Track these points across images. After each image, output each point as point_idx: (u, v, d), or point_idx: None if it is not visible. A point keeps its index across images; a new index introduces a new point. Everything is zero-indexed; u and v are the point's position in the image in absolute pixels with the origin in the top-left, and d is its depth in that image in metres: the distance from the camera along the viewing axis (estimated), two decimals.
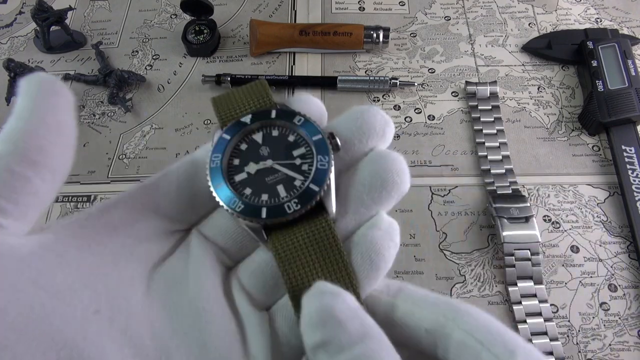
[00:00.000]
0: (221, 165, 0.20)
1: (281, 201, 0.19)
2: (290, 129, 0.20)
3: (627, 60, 0.46)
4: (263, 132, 0.21)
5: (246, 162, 0.20)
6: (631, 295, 0.39)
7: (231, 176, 0.20)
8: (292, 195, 0.19)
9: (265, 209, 0.19)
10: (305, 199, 0.19)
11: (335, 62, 0.52)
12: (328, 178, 0.19)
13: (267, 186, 0.19)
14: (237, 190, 0.19)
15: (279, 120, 0.20)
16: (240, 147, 0.20)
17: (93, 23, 0.57)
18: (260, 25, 0.52)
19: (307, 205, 0.19)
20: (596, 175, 0.45)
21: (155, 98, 0.51)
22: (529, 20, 0.54)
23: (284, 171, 0.20)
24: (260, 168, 0.20)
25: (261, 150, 0.20)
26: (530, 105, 0.49)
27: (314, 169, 0.19)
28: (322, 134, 0.20)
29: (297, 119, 0.20)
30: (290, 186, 0.19)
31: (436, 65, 0.51)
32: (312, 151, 0.20)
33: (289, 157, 0.20)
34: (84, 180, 0.47)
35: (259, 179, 0.20)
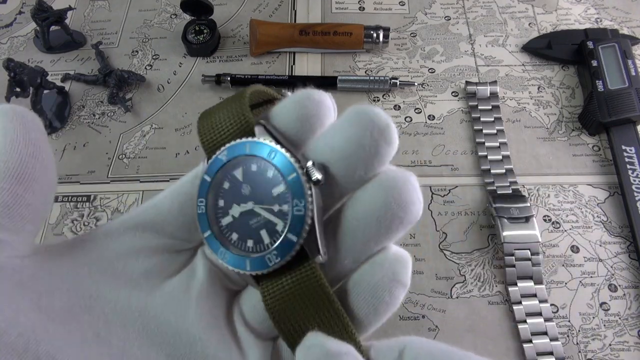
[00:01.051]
0: (206, 211, 0.19)
1: (264, 250, 0.18)
2: (267, 164, 0.19)
3: (627, 60, 0.46)
4: (242, 167, 0.19)
5: (230, 204, 0.19)
6: (631, 295, 0.39)
7: (218, 219, 0.19)
8: (274, 241, 0.18)
9: (249, 261, 0.18)
10: (284, 250, 0.18)
11: (335, 62, 0.52)
12: (306, 224, 0.18)
13: (251, 230, 0.19)
14: (224, 236, 0.19)
15: (252, 156, 0.19)
16: (224, 186, 0.20)
17: (93, 23, 0.57)
18: (260, 25, 0.52)
19: (286, 257, 0.18)
20: (596, 175, 0.45)
21: (155, 98, 0.51)
22: (529, 20, 0.54)
23: (264, 215, 0.19)
24: (243, 211, 0.19)
25: (242, 188, 0.19)
26: (530, 105, 0.49)
27: (290, 216, 0.18)
28: (296, 171, 0.18)
29: (270, 154, 0.18)
30: (272, 231, 0.19)
31: (436, 65, 0.51)
32: (287, 194, 0.18)
33: (269, 198, 0.19)
34: (84, 180, 0.47)
35: (243, 222, 0.19)
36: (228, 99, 0.20)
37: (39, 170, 0.18)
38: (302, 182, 0.18)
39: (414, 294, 0.40)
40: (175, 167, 0.47)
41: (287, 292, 0.18)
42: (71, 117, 0.50)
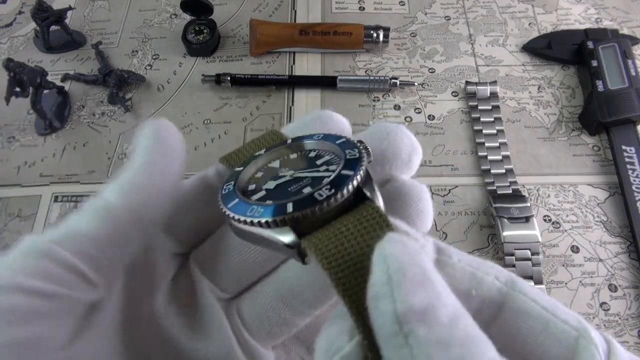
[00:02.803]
0: (235, 189, 0.17)
1: (313, 190, 0.15)
2: (308, 148, 0.18)
3: (627, 60, 0.46)
4: (280, 159, 0.18)
5: (264, 181, 0.17)
6: (631, 296, 0.39)
7: (248, 197, 0.17)
8: (328, 183, 0.15)
9: (292, 203, 0.15)
10: (338, 184, 0.15)
11: (335, 62, 0.52)
12: (362, 165, 0.15)
13: (291, 193, 0.16)
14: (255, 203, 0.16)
15: (294, 143, 0.18)
16: (256, 175, 0.18)
17: (93, 23, 0.57)
18: (260, 25, 0.52)
19: (342, 190, 0.15)
20: (596, 175, 0.45)
21: (155, 98, 0.51)
22: (529, 20, 0.54)
23: (309, 175, 0.16)
24: (281, 182, 0.17)
25: (280, 172, 0.18)
26: (530, 105, 0.49)
27: (343, 161, 0.16)
28: (344, 137, 0.17)
29: (315, 135, 0.18)
30: (318, 183, 0.16)
31: (436, 65, 0.51)
32: (338, 154, 0.17)
33: (314, 165, 0.17)
34: (84, 180, 0.47)
35: (280, 190, 0.17)
36: (258, 137, 0.20)
37: (157, 213, 0.18)
38: (354, 141, 0.17)
39: None
40: None
41: (346, 234, 0.14)
42: (71, 117, 0.50)
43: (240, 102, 0.50)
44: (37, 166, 0.48)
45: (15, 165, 0.48)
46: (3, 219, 0.45)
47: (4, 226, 0.45)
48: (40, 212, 0.45)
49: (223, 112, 0.50)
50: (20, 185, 0.47)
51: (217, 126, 0.49)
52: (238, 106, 0.50)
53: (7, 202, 0.46)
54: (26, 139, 0.50)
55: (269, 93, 0.51)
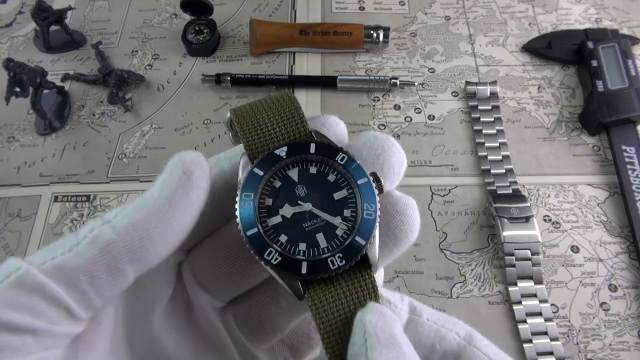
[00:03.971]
0: (254, 206, 0.18)
1: (322, 254, 0.17)
2: (330, 167, 0.18)
3: (627, 60, 0.46)
4: (299, 167, 0.18)
5: (281, 203, 0.18)
6: (631, 296, 0.39)
7: (263, 219, 0.18)
8: (334, 247, 0.17)
9: (306, 264, 0.17)
10: (350, 253, 0.17)
11: (335, 62, 0.52)
12: (375, 229, 0.17)
13: (305, 234, 0.17)
14: (270, 237, 0.17)
15: (315, 157, 0.18)
16: (274, 184, 0.18)
17: (93, 23, 0.57)
18: (260, 25, 0.52)
19: (352, 261, 0.17)
20: (596, 175, 0.45)
21: (155, 98, 0.51)
22: (529, 20, 0.54)
23: (324, 217, 0.17)
24: (297, 211, 0.18)
25: (297, 189, 0.18)
26: (530, 105, 0.49)
27: (360, 219, 0.17)
28: (367, 177, 0.18)
29: (340, 156, 0.18)
30: (331, 235, 0.17)
31: (436, 65, 0.51)
32: (355, 196, 0.18)
33: (330, 201, 0.18)
34: (84, 180, 0.47)
35: (295, 224, 0.18)
36: (272, 100, 0.19)
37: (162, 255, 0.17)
38: (373, 188, 0.18)
39: (414, 294, 0.40)
40: None
41: (342, 298, 0.17)
42: (71, 116, 0.50)
43: (240, 102, 0.50)
44: (37, 166, 0.48)
45: (15, 165, 0.48)
46: (3, 219, 0.45)
47: (3, 226, 0.45)
48: (40, 212, 0.45)
49: (223, 112, 0.50)
50: (20, 185, 0.47)
51: (217, 126, 0.49)
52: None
53: (7, 202, 0.46)
54: (26, 139, 0.50)
55: (269, 93, 0.51)
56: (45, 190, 0.46)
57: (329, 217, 0.18)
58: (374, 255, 0.17)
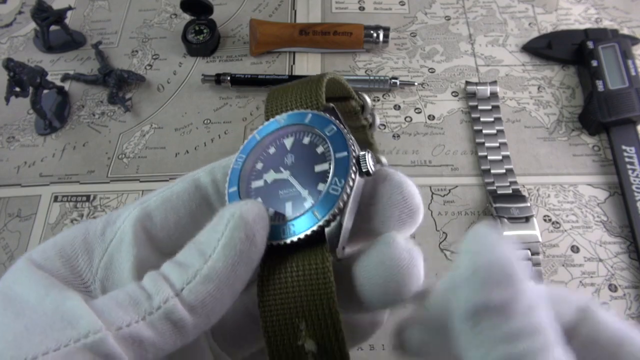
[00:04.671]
0: (241, 168, 0.19)
1: (282, 222, 0.17)
2: (320, 139, 0.18)
3: (627, 60, 0.46)
4: (295, 137, 0.19)
5: (267, 169, 0.19)
6: (631, 296, 0.39)
7: (250, 180, 0.19)
8: (295, 217, 0.17)
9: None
10: (303, 224, 0.17)
11: (335, 62, 0.52)
12: (336, 207, 0.17)
13: (278, 200, 0.18)
14: (248, 197, 0.18)
15: (309, 126, 0.18)
16: (269, 151, 0.19)
17: (93, 23, 0.57)
18: (260, 25, 0.52)
19: (304, 232, 0.17)
20: (596, 175, 0.45)
21: (155, 98, 0.51)
22: (529, 20, 0.54)
23: (297, 188, 0.18)
24: (277, 178, 0.18)
25: (286, 158, 0.19)
26: (530, 105, 0.49)
27: (323, 194, 0.17)
28: (347, 150, 0.17)
29: (329, 128, 0.18)
30: (299, 206, 0.17)
31: (436, 65, 0.51)
32: (336, 166, 0.17)
33: (309, 173, 0.18)
34: (84, 180, 0.47)
35: (272, 190, 0.18)
36: (304, 79, 0.20)
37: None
38: (349, 164, 0.17)
39: None
40: (175, 166, 0.47)
41: (289, 280, 0.16)
42: (71, 116, 0.50)
43: (240, 102, 0.50)
44: (36, 166, 0.48)
45: (15, 165, 0.48)
46: (3, 219, 0.45)
47: (3, 226, 0.45)
48: (40, 212, 0.45)
49: (223, 112, 0.50)
50: (20, 185, 0.47)
51: (217, 126, 0.49)
52: (238, 106, 0.50)
53: (7, 202, 0.46)
54: (26, 138, 0.50)
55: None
56: (45, 190, 0.46)
57: (300, 187, 0.18)
58: (334, 235, 0.17)
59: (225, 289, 0.16)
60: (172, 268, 0.16)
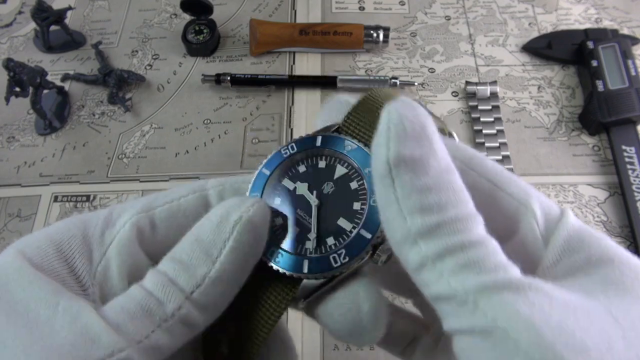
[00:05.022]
0: (268, 177, 0.19)
1: (274, 242, 0.18)
2: (360, 182, 0.18)
3: (627, 60, 0.46)
4: (313, 162, 0.19)
5: (303, 180, 0.19)
6: None
7: (281, 177, 0.19)
8: (288, 250, 0.18)
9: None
10: (289, 264, 0.17)
11: (335, 62, 0.52)
12: (325, 275, 0.17)
13: (289, 214, 0.18)
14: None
15: (342, 157, 0.18)
16: (299, 168, 0.19)
17: (93, 23, 0.57)
18: (260, 25, 0.52)
19: (285, 270, 0.17)
20: (596, 175, 0.45)
21: (155, 98, 0.51)
22: (529, 20, 0.54)
23: (312, 223, 0.18)
24: (305, 196, 0.18)
25: (325, 185, 0.18)
26: (530, 105, 0.49)
27: (366, 212, 0.17)
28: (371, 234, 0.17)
29: (366, 170, 0.18)
30: (299, 240, 0.18)
31: (436, 65, 0.51)
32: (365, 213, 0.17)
33: (332, 221, 0.18)
34: (84, 180, 0.47)
35: (293, 200, 0.18)
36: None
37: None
38: (365, 247, 0.17)
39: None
40: (175, 166, 0.47)
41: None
42: (71, 116, 0.50)
43: (240, 102, 0.50)
44: (36, 166, 0.48)
45: (15, 165, 0.48)
46: (3, 219, 0.45)
47: (3, 226, 0.45)
48: (40, 212, 0.45)
49: (223, 112, 0.50)
50: (20, 185, 0.47)
51: (217, 126, 0.49)
52: (238, 106, 0.50)
53: (7, 202, 0.46)
54: (26, 139, 0.50)
55: (269, 93, 0.51)
56: (45, 190, 0.46)
57: (314, 225, 0.18)
58: (308, 291, 0.17)
59: (234, 287, 0.17)
60: (178, 270, 0.16)
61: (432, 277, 0.14)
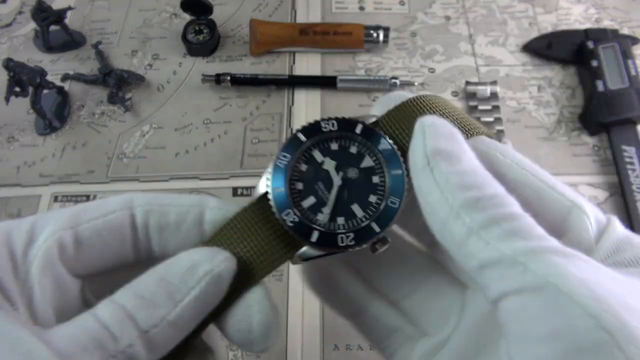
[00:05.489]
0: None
1: (294, 207, 0.19)
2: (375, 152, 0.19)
3: (628, 60, 0.46)
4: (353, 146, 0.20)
5: (332, 157, 0.20)
6: None
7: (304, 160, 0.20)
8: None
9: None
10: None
11: (335, 62, 0.52)
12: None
13: (310, 186, 0.19)
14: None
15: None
16: (332, 147, 0.20)
17: (92, 23, 0.57)
18: (260, 25, 0.52)
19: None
20: (596, 175, 0.45)
21: (155, 98, 0.51)
22: (529, 20, 0.54)
23: (330, 199, 0.19)
24: (329, 172, 0.19)
25: (350, 168, 0.19)
26: (530, 105, 0.49)
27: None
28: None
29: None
30: (313, 210, 0.19)
31: (436, 65, 0.51)
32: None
33: (348, 205, 0.19)
34: (83, 180, 0.47)
35: (318, 175, 0.19)
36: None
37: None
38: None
39: None
40: (175, 166, 0.47)
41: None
42: (71, 116, 0.50)
43: (240, 102, 0.50)
44: (37, 166, 0.48)
45: (15, 165, 0.48)
46: (3, 219, 0.45)
47: None
48: (40, 212, 0.45)
49: (223, 112, 0.50)
50: (20, 185, 0.47)
51: (217, 126, 0.49)
52: (238, 106, 0.50)
53: (7, 202, 0.46)
54: (26, 138, 0.50)
55: (269, 93, 0.51)
56: (45, 190, 0.46)
57: (331, 202, 0.19)
58: (307, 256, 0.19)
59: (184, 332, 0.17)
60: (138, 306, 0.16)
61: (479, 245, 0.15)
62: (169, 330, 0.16)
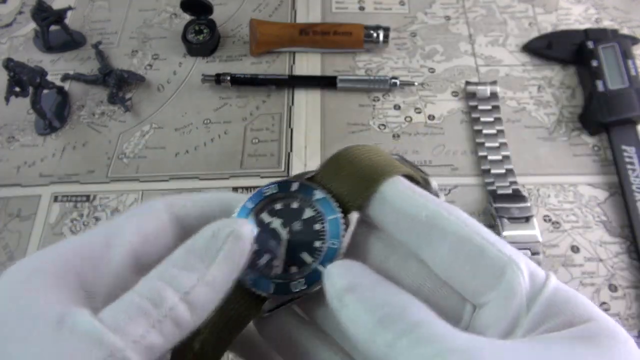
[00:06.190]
0: (252, 209, 0.21)
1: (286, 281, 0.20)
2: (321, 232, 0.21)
3: (628, 60, 0.46)
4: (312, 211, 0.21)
5: (279, 216, 0.21)
6: (631, 296, 0.39)
7: (262, 212, 0.21)
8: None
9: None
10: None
11: (335, 62, 0.52)
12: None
13: (263, 244, 0.21)
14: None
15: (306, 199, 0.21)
16: (276, 207, 0.21)
17: (93, 23, 0.57)
18: (260, 25, 0.52)
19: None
20: (596, 175, 0.45)
21: (155, 98, 0.51)
22: (529, 20, 0.54)
23: (279, 255, 0.20)
24: (277, 230, 0.21)
25: (294, 223, 0.21)
26: (530, 105, 0.49)
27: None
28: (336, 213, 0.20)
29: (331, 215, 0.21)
30: (271, 268, 0.21)
31: (436, 65, 0.51)
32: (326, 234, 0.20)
33: (297, 256, 0.20)
34: (83, 180, 0.47)
35: (268, 234, 0.21)
36: (366, 165, 0.21)
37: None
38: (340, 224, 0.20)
39: None
40: (175, 166, 0.47)
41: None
42: (71, 116, 0.50)
43: (240, 102, 0.50)
44: (36, 166, 0.48)
45: (15, 165, 0.48)
46: (3, 219, 0.45)
47: (3, 226, 0.45)
48: (39, 212, 0.45)
49: (223, 112, 0.50)
50: (20, 185, 0.47)
51: (217, 126, 0.49)
52: (238, 106, 0.50)
53: (7, 202, 0.46)
54: (26, 138, 0.50)
55: (269, 93, 0.51)
56: (45, 190, 0.46)
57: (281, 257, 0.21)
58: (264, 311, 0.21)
59: (220, 293, 0.18)
60: (174, 274, 0.17)
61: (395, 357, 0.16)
62: (206, 290, 0.17)
